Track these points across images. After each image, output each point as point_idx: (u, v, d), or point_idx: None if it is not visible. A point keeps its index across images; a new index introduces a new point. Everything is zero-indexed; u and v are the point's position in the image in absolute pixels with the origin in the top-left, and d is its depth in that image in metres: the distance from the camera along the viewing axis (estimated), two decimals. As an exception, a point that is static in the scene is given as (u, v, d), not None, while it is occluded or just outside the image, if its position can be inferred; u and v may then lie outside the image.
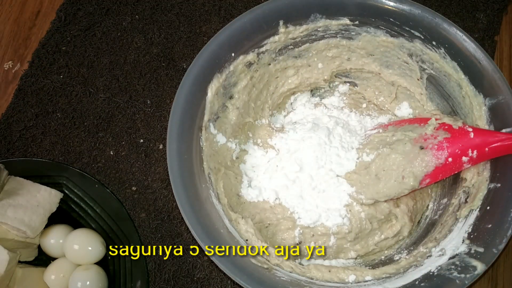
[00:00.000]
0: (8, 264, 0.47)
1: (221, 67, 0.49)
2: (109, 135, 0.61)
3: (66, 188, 0.55)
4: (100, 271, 0.51)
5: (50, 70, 0.65)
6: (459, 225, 0.46)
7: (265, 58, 0.52)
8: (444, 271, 0.42)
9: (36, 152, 0.60)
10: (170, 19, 0.68)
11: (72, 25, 0.67)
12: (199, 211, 0.43)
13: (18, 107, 0.63)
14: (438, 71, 0.50)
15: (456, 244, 0.44)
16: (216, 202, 0.46)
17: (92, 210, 0.54)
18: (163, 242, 0.56)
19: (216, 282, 0.54)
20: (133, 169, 0.59)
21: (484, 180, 0.46)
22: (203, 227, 0.42)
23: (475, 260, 0.41)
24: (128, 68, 0.65)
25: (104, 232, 0.53)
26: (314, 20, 0.51)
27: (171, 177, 0.43)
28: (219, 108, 0.50)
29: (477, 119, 0.47)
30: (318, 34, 0.53)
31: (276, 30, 0.51)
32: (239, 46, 0.49)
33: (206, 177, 0.46)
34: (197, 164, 0.46)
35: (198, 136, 0.47)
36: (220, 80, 0.49)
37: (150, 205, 0.58)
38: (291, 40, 0.52)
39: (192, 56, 0.65)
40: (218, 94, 0.49)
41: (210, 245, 0.41)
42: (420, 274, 0.43)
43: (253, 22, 0.49)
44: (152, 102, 0.63)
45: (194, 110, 0.47)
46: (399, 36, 0.51)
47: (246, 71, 0.51)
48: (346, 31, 0.52)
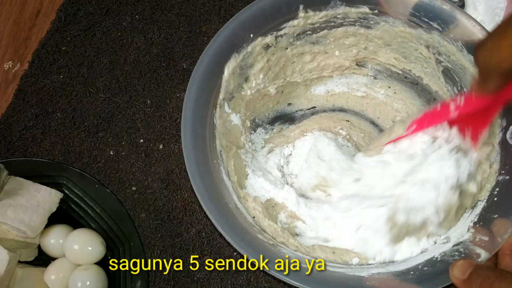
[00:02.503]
0: (8, 264, 0.47)
1: (239, 47, 0.49)
2: (109, 135, 0.61)
3: (66, 188, 0.55)
4: (100, 271, 0.51)
5: (50, 70, 0.65)
6: (465, 215, 0.46)
7: (283, 41, 0.52)
8: (448, 257, 0.42)
9: (36, 152, 0.60)
10: (170, 19, 0.68)
11: (72, 25, 0.67)
12: (209, 185, 0.43)
13: (18, 107, 0.63)
14: (454, 64, 0.50)
15: (461, 233, 0.44)
16: (226, 178, 0.46)
17: (92, 210, 0.54)
18: (163, 242, 0.56)
19: (216, 282, 0.54)
20: (133, 169, 0.59)
21: (493, 172, 0.46)
22: (211, 200, 0.42)
23: (479, 247, 0.41)
24: (128, 68, 0.65)
25: (104, 232, 0.53)
26: (334, 6, 0.51)
27: (184, 147, 0.43)
28: (234, 87, 0.50)
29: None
30: (337, 21, 0.53)
31: (295, 14, 0.51)
32: (258, 28, 0.49)
33: (218, 154, 0.47)
34: (210, 140, 0.46)
35: (213, 113, 0.47)
36: (238, 60, 0.49)
37: (150, 205, 0.58)
38: (309, 26, 0.52)
39: (192, 56, 0.65)
40: (234, 73, 0.49)
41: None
42: (423, 259, 0.43)
43: (273, 4, 0.49)
44: (152, 102, 0.63)
45: (211, 87, 0.47)
46: (417, 27, 0.50)
47: (263, 53, 0.52)
48: (365, 20, 0.52)
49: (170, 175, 0.59)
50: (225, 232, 0.41)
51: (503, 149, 0.46)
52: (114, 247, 0.53)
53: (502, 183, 0.45)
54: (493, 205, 0.44)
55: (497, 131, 0.46)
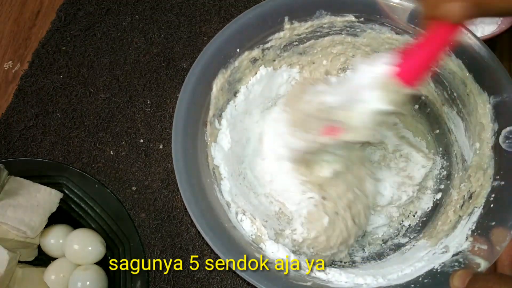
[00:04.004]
0: (8, 264, 0.47)
1: (226, 62, 0.49)
2: (109, 135, 0.61)
3: (66, 188, 0.55)
4: (100, 271, 0.51)
5: (50, 70, 0.65)
6: (462, 222, 0.46)
7: (270, 54, 0.52)
8: (448, 268, 0.42)
9: (36, 152, 0.60)
10: (170, 19, 0.68)
11: (72, 25, 0.67)
12: (204, 208, 0.43)
13: (18, 107, 0.63)
14: (443, 69, 0.50)
15: (459, 241, 0.44)
16: (220, 197, 0.46)
17: (92, 210, 0.54)
18: (163, 242, 0.56)
19: (216, 282, 0.54)
20: (133, 169, 0.59)
21: (488, 178, 0.46)
22: (207, 222, 0.42)
23: (478, 257, 0.41)
24: (128, 68, 0.65)
25: (104, 232, 0.53)
26: (320, 16, 0.51)
27: (176, 169, 0.43)
28: (223, 103, 0.50)
29: (481, 116, 0.47)
30: (323, 30, 0.53)
31: (281, 26, 0.51)
32: (244, 42, 0.49)
33: (211, 172, 0.47)
34: (202, 158, 0.46)
35: (203, 131, 0.47)
36: (225, 76, 0.49)
37: (150, 205, 0.58)
38: (296, 37, 0.52)
39: (192, 56, 0.65)
40: (223, 89, 0.49)
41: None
42: (423, 271, 0.43)
43: (258, 18, 0.49)
44: (152, 102, 0.63)
45: (199, 105, 0.47)
46: (404, 33, 0.51)
47: (251, 67, 0.52)
48: (351, 28, 0.52)
49: (170, 175, 0.59)
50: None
51: (496, 154, 0.46)
52: (114, 247, 0.53)
53: (498, 189, 0.44)
54: (490, 212, 0.44)
55: (489, 136, 0.46)
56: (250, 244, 0.43)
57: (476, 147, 0.48)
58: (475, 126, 0.48)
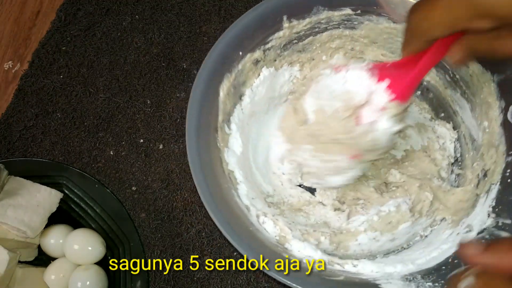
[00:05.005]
0: (8, 264, 0.47)
1: (230, 66, 0.49)
2: (109, 135, 0.61)
3: (66, 188, 0.55)
4: (100, 271, 0.51)
5: (50, 70, 0.65)
6: (481, 200, 0.46)
7: (271, 54, 0.53)
8: None
9: (36, 152, 0.60)
10: (170, 19, 0.68)
11: (72, 25, 0.67)
12: (229, 217, 0.43)
13: (18, 107, 0.63)
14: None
15: (482, 219, 0.44)
16: (239, 201, 0.46)
17: (92, 210, 0.54)
18: (163, 242, 0.56)
19: (216, 282, 0.54)
20: (133, 169, 0.59)
21: (501, 154, 0.46)
22: (237, 232, 0.42)
23: (504, 232, 0.42)
24: (128, 68, 0.65)
25: (104, 232, 0.53)
26: (317, 12, 0.51)
27: (194, 178, 0.43)
28: (231, 108, 0.50)
29: (487, 95, 0.47)
30: (321, 26, 0.53)
31: (280, 26, 0.51)
32: (246, 44, 0.50)
33: (227, 178, 0.47)
34: (218, 165, 0.46)
35: (215, 137, 0.47)
36: (230, 80, 0.49)
37: (150, 205, 0.58)
38: (295, 35, 0.53)
39: (192, 56, 0.65)
40: (229, 94, 0.49)
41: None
42: (451, 252, 0.43)
43: (258, 19, 0.50)
44: (152, 102, 0.63)
45: (209, 111, 0.47)
46: (402, 21, 0.51)
47: (253, 69, 0.52)
48: (349, 21, 0.53)
49: (170, 175, 0.59)
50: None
51: (506, 130, 0.46)
52: (114, 247, 0.53)
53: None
54: (508, 187, 0.44)
55: (497, 113, 0.46)
56: (276, 246, 0.44)
57: (484, 125, 0.48)
58: (481, 106, 0.48)
